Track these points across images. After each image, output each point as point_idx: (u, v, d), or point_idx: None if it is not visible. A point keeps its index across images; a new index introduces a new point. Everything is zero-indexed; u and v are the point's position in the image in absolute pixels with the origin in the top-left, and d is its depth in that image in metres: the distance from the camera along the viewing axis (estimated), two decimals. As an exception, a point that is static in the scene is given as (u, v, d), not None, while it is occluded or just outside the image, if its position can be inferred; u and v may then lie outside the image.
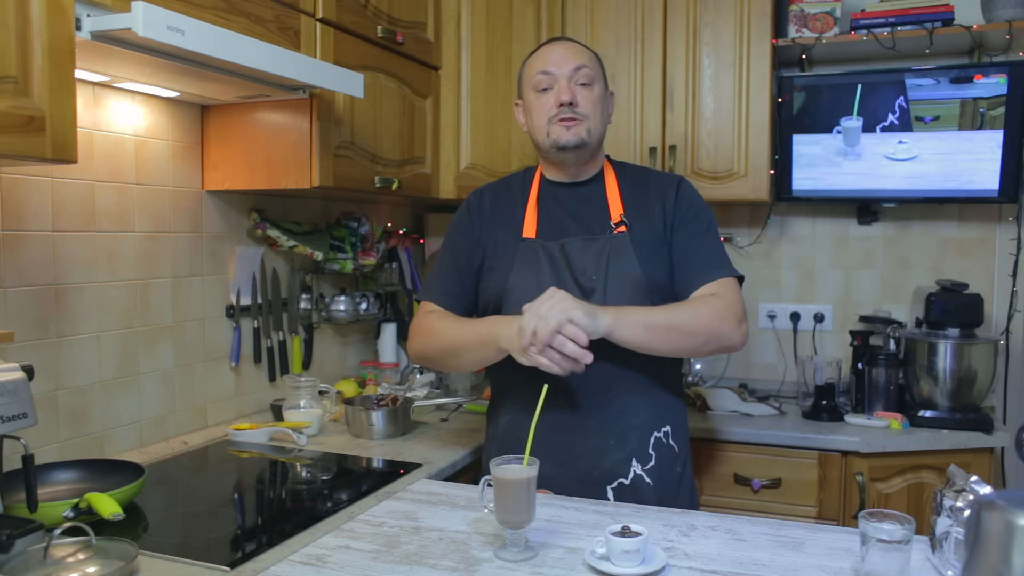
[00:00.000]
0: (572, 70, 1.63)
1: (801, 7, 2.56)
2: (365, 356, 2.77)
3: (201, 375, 2.11)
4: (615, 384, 1.61)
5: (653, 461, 1.61)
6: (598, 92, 1.66)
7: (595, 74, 1.66)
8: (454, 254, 1.75)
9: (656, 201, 1.67)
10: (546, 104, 1.64)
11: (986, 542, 0.94)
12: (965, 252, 2.67)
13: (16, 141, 1.19)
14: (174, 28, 1.34)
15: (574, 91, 1.62)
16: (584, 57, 1.66)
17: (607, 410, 1.61)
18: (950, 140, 2.46)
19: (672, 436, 1.66)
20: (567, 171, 1.71)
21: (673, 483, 1.64)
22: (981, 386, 2.28)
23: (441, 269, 1.77)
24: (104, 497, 1.36)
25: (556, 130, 1.63)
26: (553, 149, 1.65)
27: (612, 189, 1.70)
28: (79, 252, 1.77)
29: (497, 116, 2.55)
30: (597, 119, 1.65)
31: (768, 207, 2.80)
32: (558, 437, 1.61)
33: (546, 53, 1.67)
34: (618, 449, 1.60)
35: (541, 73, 1.65)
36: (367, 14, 2.09)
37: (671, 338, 1.53)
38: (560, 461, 1.60)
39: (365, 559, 1.27)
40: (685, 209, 1.67)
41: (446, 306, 1.72)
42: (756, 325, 2.87)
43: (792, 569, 1.21)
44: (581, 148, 1.64)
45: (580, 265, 1.60)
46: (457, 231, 1.77)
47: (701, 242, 1.65)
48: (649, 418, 1.63)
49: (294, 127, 1.94)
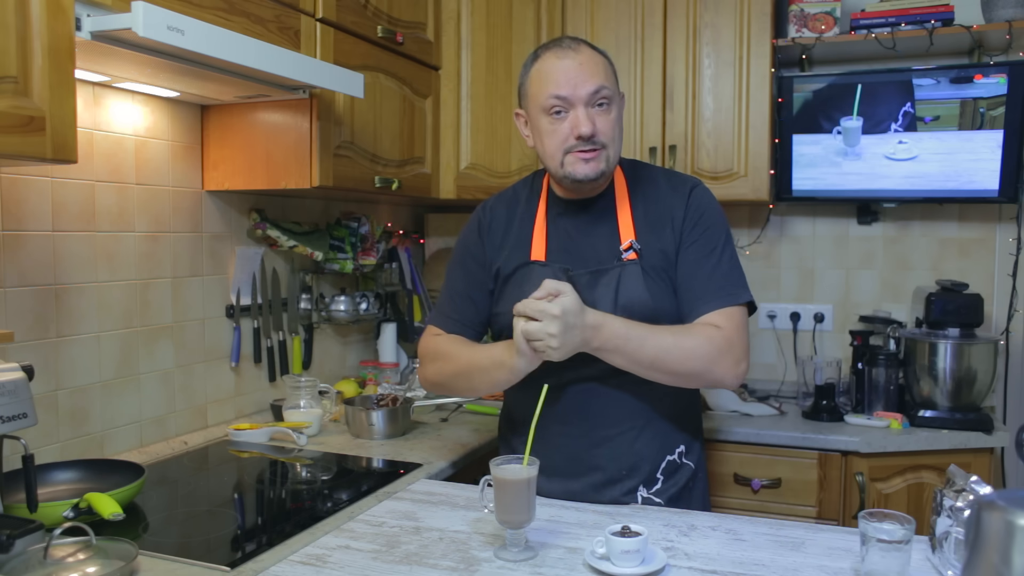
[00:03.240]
0: (590, 94, 1.46)
1: (801, 7, 2.56)
2: (365, 356, 2.77)
3: (201, 375, 2.11)
4: (627, 415, 1.55)
5: (660, 484, 1.57)
6: (616, 112, 1.51)
7: (612, 92, 1.50)
8: (465, 277, 1.66)
9: (667, 217, 1.56)
10: (561, 132, 1.48)
11: (986, 542, 0.94)
12: (965, 252, 2.67)
13: (16, 141, 1.19)
14: (174, 28, 1.34)
15: (593, 119, 1.46)
16: (601, 74, 1.49)
17: (619, 441, 1.55)
18: (950, 140, 2.46)
19: (686, 455, 1.61)
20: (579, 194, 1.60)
21: (685, 499, 1.60)
22: (981, 386, 2.28)
23: (452, 295, 1.66)
24: (104, 497, 1.36)
25: (572, 162, 1.48)
26: (568, 180, 1.51)
27: (623, 207, 1.58)
28: (79, 252, 1.77)
29: (497, 116, 2.55)
30: (616, 143, 1.51)
31: (768, 207, 2.80)
32: (570, 470, 1.56)
33: (558, 70, 1.48)
34: (629, 479, 1.56)
35: (555, 97, 1.47)
36: (367, 14, 2.09)
37: (654, 375, 1.46)
38: (572, 492, 1.55)
39: (365, 559, 1.27)
40: (692, 225, 1.54)
41: (455, 332, 1.63)
42: (756, 325, 2.87)
43: (792, 569, 1.21)
44: (599, 179, 1.51)
45: (589, 299, 1.47)
46: (468, 253, 1.67)
47: (705, 264, 1.52)
48: (663, 445, 1.58)
49: (294, 127, 1.94)
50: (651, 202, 1.59)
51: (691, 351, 1.45)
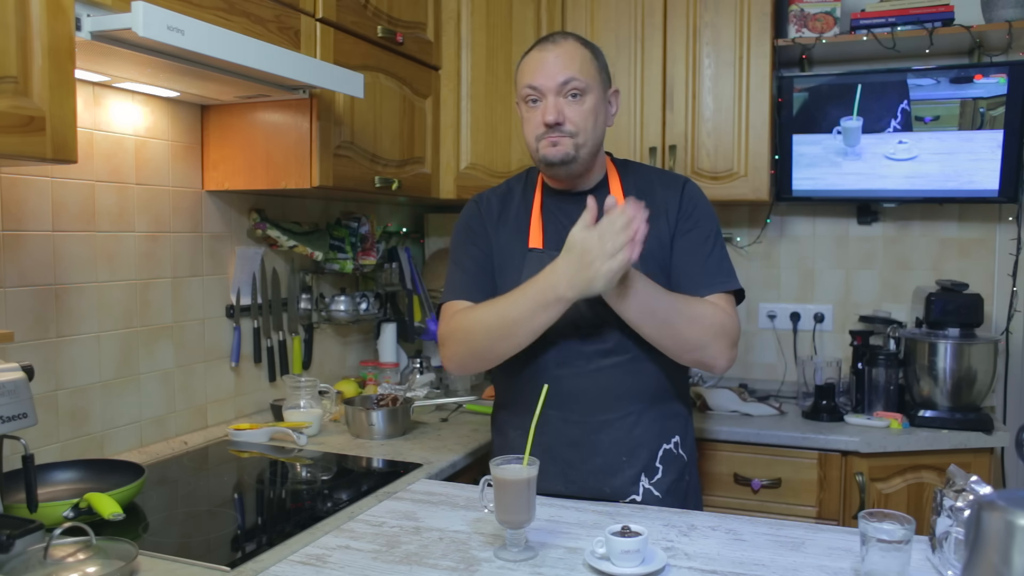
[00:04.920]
0: (559, 84, 1.54)
1: (801, 7, 2.56)
2: (365, 356, 2.77)
3: (201, 375, 2.11)
4: (625, 398, 1.58)
5: (660, 474, 1.60)
6: (590, 103, 1.56)
7: (587, 83, 1.56)
8: (478, 255, 1.67)
9: (661, 211, 1.62)
10: (534, 120, 1.58)
11: (986, 542, 0.95)
12: (965, 252, 2.67)
13: (16, 141, 1.19)
14: (174, 28, 1.34)
15: (560, 108, 1.54)
16: (574, 67, 1.55)
17: (618, 426, 1.58)
18: (950, 140, 2.46)
19: (681, 445, 1.65)
20: (564, 182, 1.66)
21: (681, 492, 1.63)
22: (981, 386, 2.28)
23: (465, 271, 1.67)
24: (104, 497, 1.36)
25: (543, 147, 1.57)
26: (542, 165, 1.61)
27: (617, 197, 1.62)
28: (79, 252, 1.77)
29: (497, 116, 2.55)
30: (588, 132, 1.57)
31: (768, 207, 2.80)
32: (570, 456, 1.58)
33: (536, 62, 1.57)
34: (629, 466, 1.58)
35: (528, 87, 1.57)
36: (367, 14, 2.09)
37: (660, 332, 1.50)
38: (572, 480, 1.58)
39: (365, 559, 1.27)
40: (687, 216, 1.62)
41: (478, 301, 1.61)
42: (756, 325, 2.87)
43: (792, 569, 1.21)
44: (569, 164, 1.58)
45: None
46: (471, 237, 1.69)
47: (699, 251, 1.60)
48: (660, 431, 1.61)
49: (294, 127, 1.94)
50: (644, 195, 1.62)
51: (699, 318, 1.52)
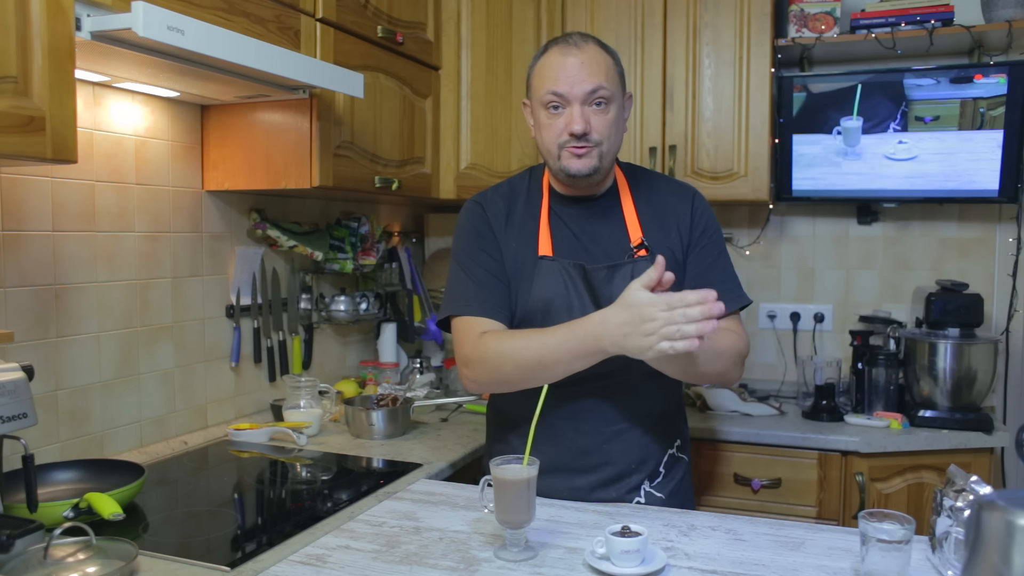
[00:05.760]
0: (587, 93, 1.48)
1: (801, 7, 2.56)
2: (365, 356, 2.77)
3: (201, 375, 2.11)
4: (638, 410, 1.57)
5: (662, 477, 1.61)
6: (614, 113, 1.52)
7: (612, 92, 1.51)
8: (488, 261, 1.59)
9: (672, 221, 1.60)
10: (556, 127, 1.51)
11: (986, 542, 0.95)
12: (965, 252, 2.67)
13: (16, 141, 1.19)
14: (174, 28, 1.34)
15: (587, 117, 1.49)
16: (601, 75, 1.49)
17: (631, 436, 1.57)
18: (950, 140, 2.46)
19: (681, 448, 1.66)
20: (580, 190, 1.62)
21: (681, 492, 1.64)
22: (981, 386, 2.28)
23: (479, 283, 1.57)
24: (104, 497, 1.36)
25: (566, 157, 1.52)
26: (563, 174, 1.55)
27: (628, 208, 1.61)
28: (79, 252, 1.77)
29: (497, 116, 2.55)
30: (611, 141, 1.53)
31: (768, 207, 2.80)
32: (580, 464, 1.57)
33: (559, 67, 1.50)
34: (637, 472, 1.58)
35: (552, 93, 1.50)
36: (367, 14, 2.09)
37: (685, 372, 1.48)
38: (579, 487, 1.57)
39: (365, 559, 1.27)
40: (700, 231, 1.60)
41: (503, 320, 1.56)
42: (756, 325, 2.87)
43: (792, 569, 1.21)
44: (593, 175, 1.54)
45: (606, 294, 1.50)
46: (481, 238, 1.61)
47: (715, 267, 1.59)
48: (666, 438, 1.62)
49: (294, 127, 1.94)
50: (655, 203, 1.63)
51: (720, 354, 1.49)
